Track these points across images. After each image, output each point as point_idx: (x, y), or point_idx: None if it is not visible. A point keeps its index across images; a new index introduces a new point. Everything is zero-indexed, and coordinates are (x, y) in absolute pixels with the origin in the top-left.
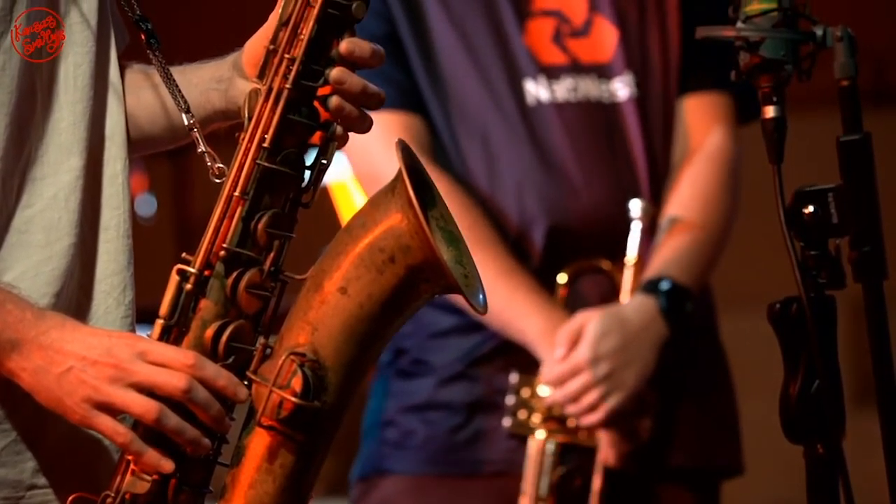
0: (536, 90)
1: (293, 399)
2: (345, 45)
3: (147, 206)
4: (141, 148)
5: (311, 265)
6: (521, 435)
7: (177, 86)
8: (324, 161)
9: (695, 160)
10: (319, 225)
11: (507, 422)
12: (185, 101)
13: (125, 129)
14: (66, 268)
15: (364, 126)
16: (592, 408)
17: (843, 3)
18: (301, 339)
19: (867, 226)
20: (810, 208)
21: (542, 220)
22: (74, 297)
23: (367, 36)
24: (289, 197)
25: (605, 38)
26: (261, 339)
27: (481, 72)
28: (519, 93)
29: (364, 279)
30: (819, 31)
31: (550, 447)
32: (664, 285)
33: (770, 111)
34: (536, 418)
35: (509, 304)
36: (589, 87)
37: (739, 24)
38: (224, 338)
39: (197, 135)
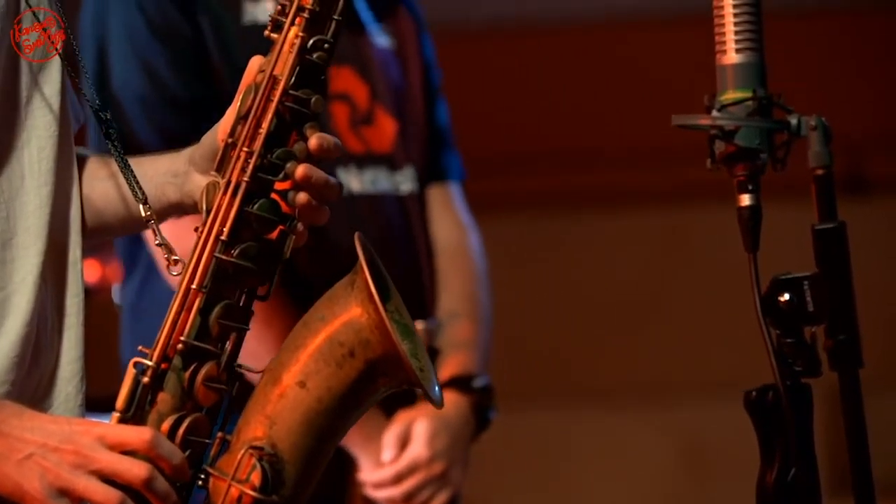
0: (348, 180)
1: (252, 493)
2: (315, 141)
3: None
4: (96, 236)
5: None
6: None
7: (134, 176)
8: (281, 255)
9: (445, 257)
10: None
11: None
12: (143, 192)
13: (81, 215)
14: (27, 353)
15: (322, 218)
16: None
17: (818, 93)
18: (259, 433)
19: (843, 314)
20: (786, 296)
21: None
22: (34, 384)
23: None
24: (244, 290)
25: (387, 129)
26: (218, 433)
27: None
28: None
29: (323, 373)
30: (793, 120)
31: None
32: (478, 383)
33: (745, 199)
34: None
35: None
36: (384, 179)
37: (714, 113)
38: (181, 431)
39: (154, 227)
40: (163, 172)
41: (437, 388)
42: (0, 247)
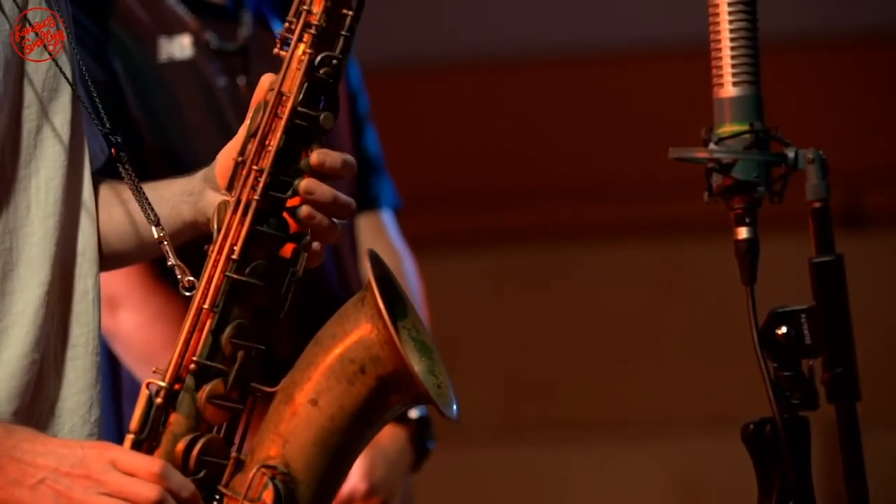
0: None
1: None
2: (315, 157)
3: None
4: (110, 264)
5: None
6: None
7: (146, 198)
8: (295, 272)
9: None
10: None
11: None
12: (155, 214)
13: (97, 246)
14: (26, 384)
15: (333, 236)
16: None
17: (815, 126)
18: (272, 452)
19: (840, 347)
20: (783, 329)
21: None
22: (36, 415)
23: None
24: (259, 309)
25: None
26: (233, 452)
27: None
28: None
29: (335, 391)
30: (791, 154)
31: None
32: (415, 413)
33: (743, 232)
34: None
35: None
36: None
37: (712, 146)
38: (195, 451)
39: (167, 248)
40: (178, 192)
41: (454, 406)
42: (0, 278)
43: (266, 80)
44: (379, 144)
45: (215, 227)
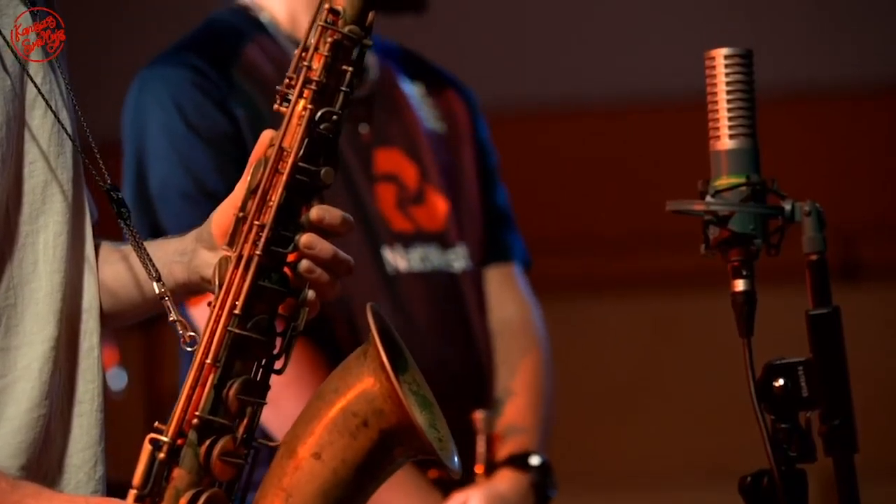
0: (394, 259)
1: None
2: (315, 212)
3: (118, 380)
4: (112, 321)
5: None
6: None
7: (147, 254)
8: (296, 327)
9: (507, 335)
10: None
11: None
12: (156, 270)
13: (99, 303)
14: (33, 440)
15: (333, 292)
16: None
17: (812, 179)
18: None
19: (837, 399)
20: (780, 382)
21: None
22: (43, 470)
23: None
24: (261, 363)
25: (438, 208)
26: None
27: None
28: (378, 261)
29: (338, 444)
30: (787, 206)
31: None
32: (535, 461)
33: (740, 285)
34: None
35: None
36: (435, 257)
37: (709, 199)
38: None
39: (168, 303)
40: (171, 252)
41: (455, 459)
42: (4, 333)
43: (266, 135)
44: (508, 199)
45: (216, 282)
